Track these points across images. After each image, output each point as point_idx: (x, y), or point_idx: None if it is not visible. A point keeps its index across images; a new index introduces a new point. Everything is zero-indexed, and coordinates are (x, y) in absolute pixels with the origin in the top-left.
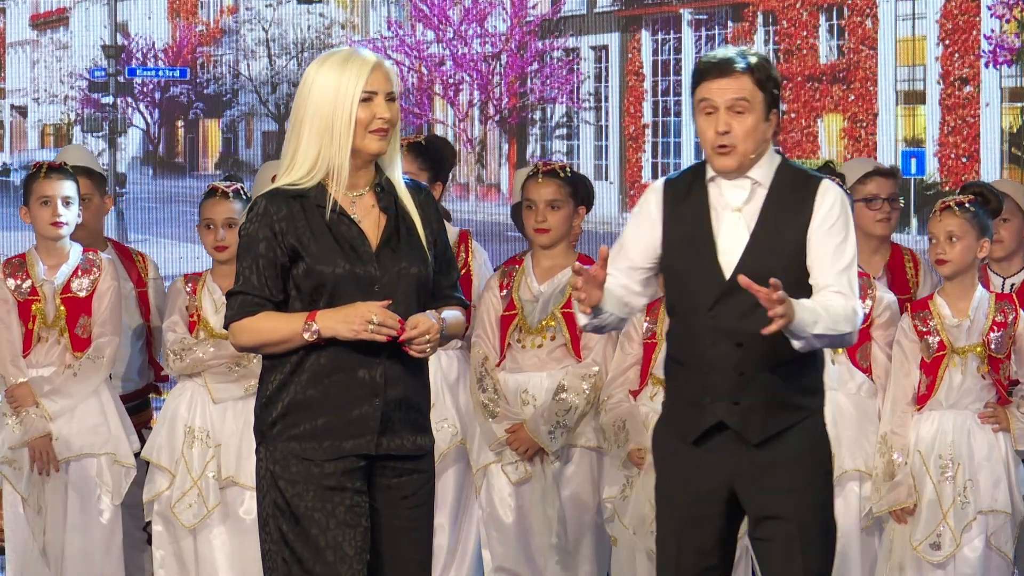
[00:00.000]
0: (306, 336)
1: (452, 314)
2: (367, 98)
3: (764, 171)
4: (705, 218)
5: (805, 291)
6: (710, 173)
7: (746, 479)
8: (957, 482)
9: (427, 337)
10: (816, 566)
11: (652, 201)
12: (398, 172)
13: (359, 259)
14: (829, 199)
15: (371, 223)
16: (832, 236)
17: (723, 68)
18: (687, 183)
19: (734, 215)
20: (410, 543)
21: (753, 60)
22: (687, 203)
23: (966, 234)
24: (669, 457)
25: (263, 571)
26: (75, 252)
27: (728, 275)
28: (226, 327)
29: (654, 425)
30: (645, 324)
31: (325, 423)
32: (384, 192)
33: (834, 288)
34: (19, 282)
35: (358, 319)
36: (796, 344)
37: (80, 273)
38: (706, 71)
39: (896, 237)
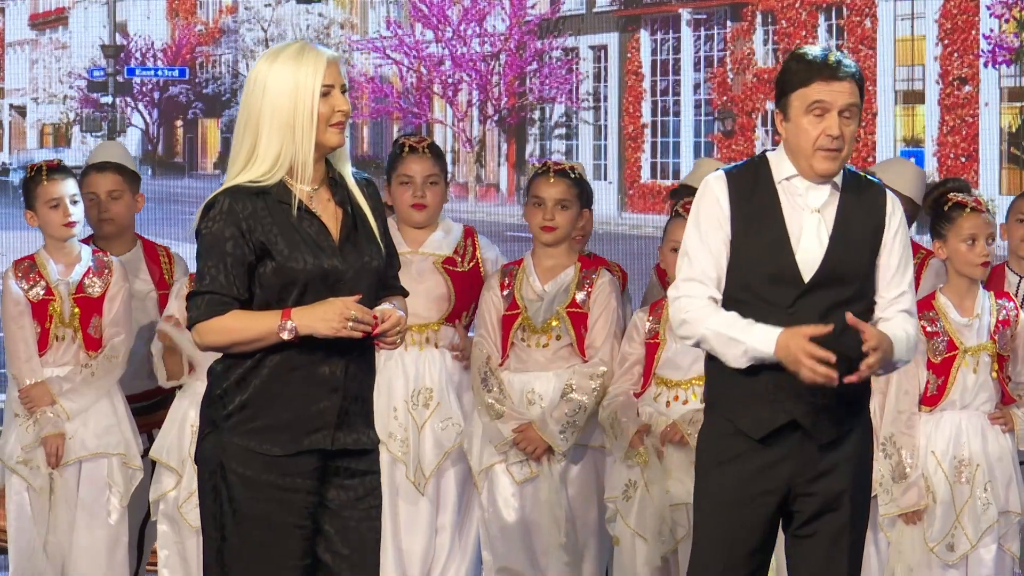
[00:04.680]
0: (284, 336)
1: (403, 305)
2: (325, 92)
3: (839, 175)
4: (779, 218)
5: (872, 292)
6: (784, 173)
7: (805, 479)
8: (976, 484)
9: (397, 329)
10: (857, 563)
11: (719, 195)
12: (347, 165)
13: (324, 254)
14: (899, 209)
15: (329, 217)
16: (903, 251)
17: (837, 71)
18: (751, 179)
19: (813, 216)
20: (363, 543)
21: (855, 67)
22: (756, 200)
23: (995, 234)
24: (728, 456)
25: (202, 553)
26: (85, 253)
27: (807, 276)
28: (191, 327)
29: (701, 427)
30: (648, 324)
31: (285, 418)
32: (338, 186)
33: (902, 305)
34: (31, 284)
35: (337, 316)
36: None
37: (92, 273)
38: (818, 71)
39: None
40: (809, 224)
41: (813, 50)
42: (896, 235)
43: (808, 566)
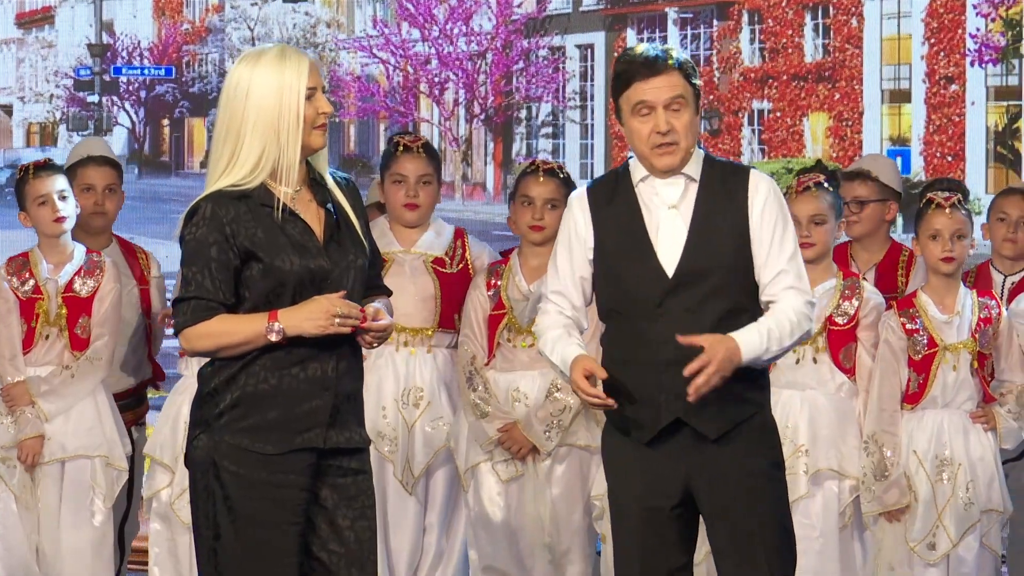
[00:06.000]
0: (271, 337)
1: (388, 304)
2: (309, 95)
3: (695, 166)
4: (638, 219)
5: (750, 280)
6: (640, 174)
7: (701, 478)
8: (958, 483)
9: (384, 334)
10: (778, 568)
11: (577, 212)
12: (326, 165)
13: (310, 254)
14: (763, 190)
15: (312, 218)
16: (773, 228)
17: (654, 67)
18: (610, 187)
19: (670, 212)
20: (360, 542)
21: (678, 56)
22: (615, 206)
23: (968, 232)
24: (622, 461)
25: (195, 555)
26: (79, 252)
27: (670, 273)
28: (177, 333)
29: (602, 432)
30: None
31: (276, 417)
32: (318, 186)
33: (784, 283)
34: (22, 281)
35: (323, 315)
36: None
37: (83, 273)
38: (635, 72)
39: None
40: (666, 221)
41: (634, 50)
42: (763, 215)
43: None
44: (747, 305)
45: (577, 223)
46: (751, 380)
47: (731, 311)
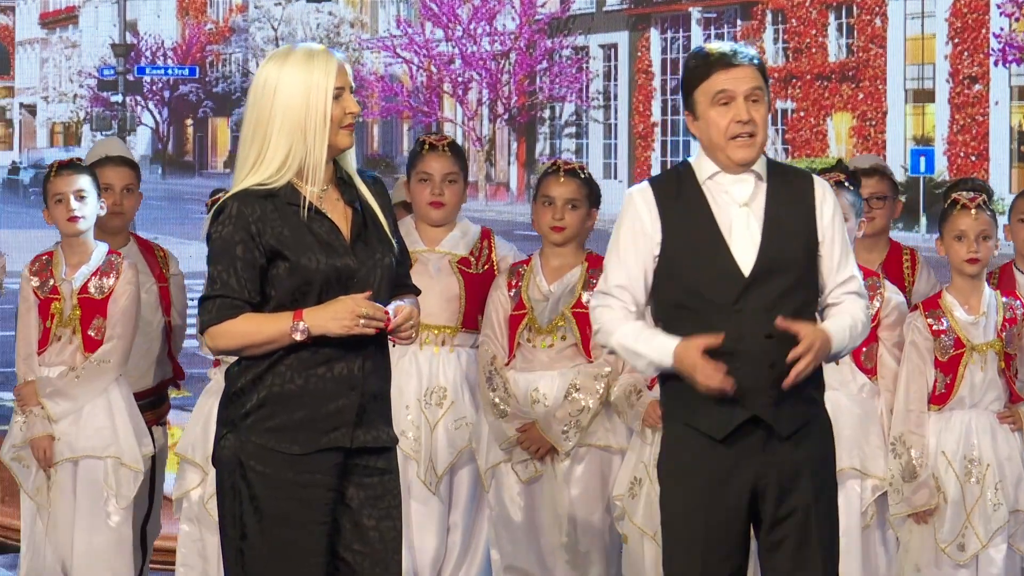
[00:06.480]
0: (296, 337)
1: (415, 303)
2: (337, 94)
3: (761, 165)
4: (709, 215)
5: (814, 279)
6: (707, 171)
7: (771, 477)
8: (986, 483)
9: (411, 323)
10: (832, 562)
11: (642, 207)
12: (353, 164)
13: (336, 253)
14: (830, 195)
15: (339, 217)
16: (842, 234)
17: (734, 59)
18: (674, 183)
19: (742, 210)
20: (384, 542)
21: (754, 53)
22: (682, 204)
23: (993, 233)
24: (692, 458)
25: (221, 553)
26: (98, 252)
27: (747, 271)
28: (203, 331)
29: (662, 435)
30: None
31: (302, 416)
32: (346, 185)
33: (851, 287)
34: (42, 280)
35: (348, 315)
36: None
37: (100, 274)
38: (716, 63)
39: (906, 236)
40: (738, 218)
41: (709, 45)
42: (832, 221)
43: (783, 566)
44: (812, 304)
45: (643, 219)
46: (817, 379)
47: (800, 309)
